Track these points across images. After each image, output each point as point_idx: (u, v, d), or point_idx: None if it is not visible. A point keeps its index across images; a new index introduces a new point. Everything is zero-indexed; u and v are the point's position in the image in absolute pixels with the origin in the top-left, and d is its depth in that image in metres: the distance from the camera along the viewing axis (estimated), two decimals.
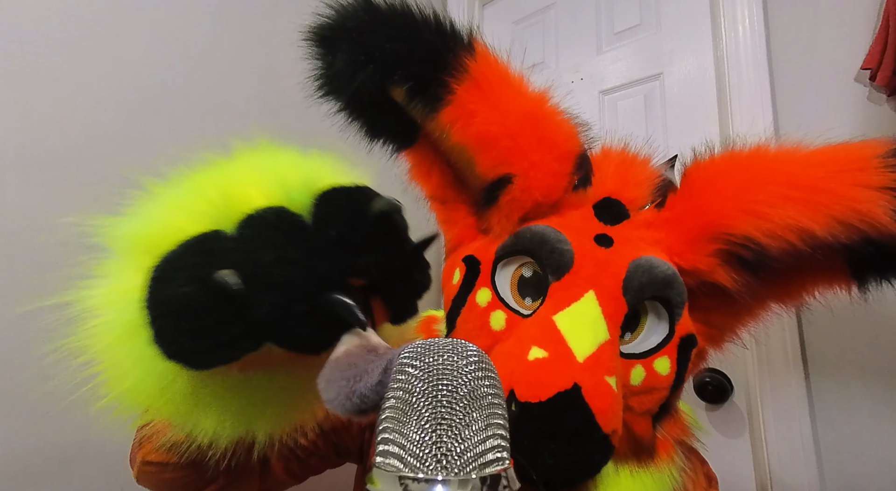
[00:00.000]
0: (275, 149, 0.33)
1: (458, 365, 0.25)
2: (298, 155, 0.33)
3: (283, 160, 0.32)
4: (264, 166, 0.32)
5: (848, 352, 0.84)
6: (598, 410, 0.35)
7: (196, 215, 0.29)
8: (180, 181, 0.32)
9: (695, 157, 0.48)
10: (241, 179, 0.30)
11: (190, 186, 0.31)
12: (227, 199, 0.29)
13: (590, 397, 0.35)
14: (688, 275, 0.44)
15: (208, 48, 0.89)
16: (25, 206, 0.65)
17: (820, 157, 0.41)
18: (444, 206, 0.53)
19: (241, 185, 0.29)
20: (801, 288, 0.47)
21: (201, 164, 0.32)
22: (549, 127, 0.44)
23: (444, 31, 0.43)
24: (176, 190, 0.31)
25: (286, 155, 0.33)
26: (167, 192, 0.32)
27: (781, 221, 0.39)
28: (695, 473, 0.49)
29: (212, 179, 0.31)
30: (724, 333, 0.50)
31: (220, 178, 0.31)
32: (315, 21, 0.44)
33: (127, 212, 0.32)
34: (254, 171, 0.31)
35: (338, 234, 0.28)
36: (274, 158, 0.33)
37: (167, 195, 0.31)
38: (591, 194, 0.48)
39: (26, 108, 0.66)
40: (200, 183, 0.31)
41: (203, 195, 0.29)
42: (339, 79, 0.44)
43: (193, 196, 0.30)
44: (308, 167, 0.32)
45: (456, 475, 0.23)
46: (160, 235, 0.28)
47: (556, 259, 0.42)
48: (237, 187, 0.29)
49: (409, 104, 0.45)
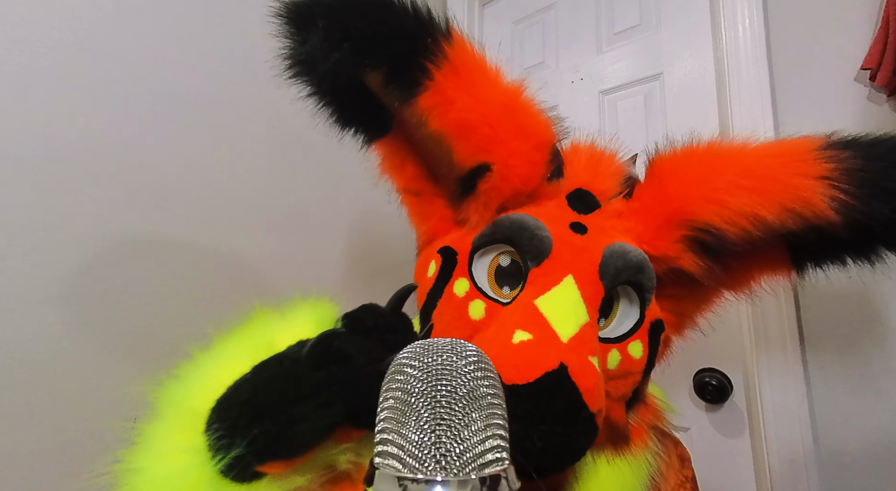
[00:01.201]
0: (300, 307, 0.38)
1: (457, 365, 0.25)
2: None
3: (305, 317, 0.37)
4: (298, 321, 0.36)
5: (849, 352, 0.84)
6: (584, 389, 0.35)
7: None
8: (225, 348, 0.35)
9: (658, 152, 0.50)
10: (279, 335, 0.34)
11: (236, 350, 0.34)
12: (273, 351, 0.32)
13: (576, 377, 0.35)
14: (656, 261, 0.46)
15: (207, 48, 0.89)
16: (25, 205, 0.65)
17: (768, 150, 0.44)
18: (418, 198, 0.52)
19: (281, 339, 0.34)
20: (749, 275, 0.50)
21: (242, 326, 0.36)
22: (526, 116, 0.45)
23: (422, 16, 0.43)
24: (223, 356, 0.34)
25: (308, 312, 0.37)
26: (214, 359, 0.34)
27: (738, 208, 0.41)
28: (668, 456, 0.50)
29: (254, 342, 0.34)
30: (686, 321, 0.52)
31: (263, 336, 0.35)
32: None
33: (177, 376, 0.34)
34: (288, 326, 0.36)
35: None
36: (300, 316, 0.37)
37: (215, 362, 0.34)
38: (564, 185, 0.49)
39: (26, 108, 0.66)
40: (245, 346, 0.34)
41: (251, 354, 0.32)
42: (311, 58, 0.43)
43: (243, 356, 0.33)
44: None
45: (455, 476, 0.23)
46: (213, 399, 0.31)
47: (536, 245, 0.43)
48: (278, 342, 0.33)
49: (384, 89, 0.44)
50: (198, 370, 0.33)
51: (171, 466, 0.30)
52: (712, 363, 0.97)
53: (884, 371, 0.81)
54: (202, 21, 0.89)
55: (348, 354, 0.31)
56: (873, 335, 0.82)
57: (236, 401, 0.29)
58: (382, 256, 1.14)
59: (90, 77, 0.73)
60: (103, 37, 0.75)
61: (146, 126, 0.79)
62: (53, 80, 0.69)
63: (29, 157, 0.66)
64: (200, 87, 0.87)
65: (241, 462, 0.28)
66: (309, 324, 0.35)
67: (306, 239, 1.00)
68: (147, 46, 0.81)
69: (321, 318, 0.36)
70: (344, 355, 0.31)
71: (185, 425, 0.31)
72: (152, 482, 0.30)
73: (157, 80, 0.81)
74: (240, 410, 0.29)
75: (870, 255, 0.45)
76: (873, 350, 0.82)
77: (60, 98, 0.70)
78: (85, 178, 0.71)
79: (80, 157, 0.71)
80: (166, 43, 0.83)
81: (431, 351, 0.26)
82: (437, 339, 0.27)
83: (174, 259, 0.79)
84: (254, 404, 0.28)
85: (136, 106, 0.78)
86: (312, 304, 0.37)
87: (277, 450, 0.28)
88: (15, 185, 0.65)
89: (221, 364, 0.33)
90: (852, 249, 0.45)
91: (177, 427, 0.31)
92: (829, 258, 0.47)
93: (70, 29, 0.72)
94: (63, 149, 0.69)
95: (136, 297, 0.74)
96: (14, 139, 0.65)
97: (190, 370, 0.34)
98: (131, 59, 0.78)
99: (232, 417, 0.28)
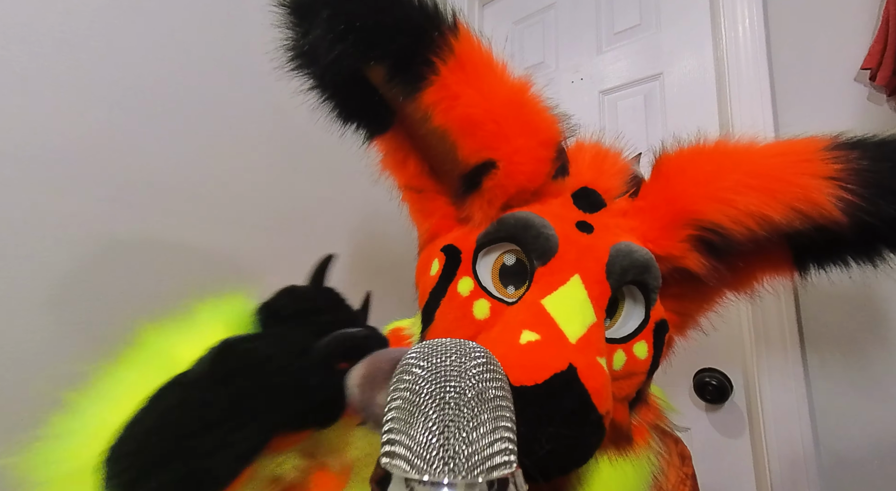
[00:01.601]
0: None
1: (465, 367, 0.25)
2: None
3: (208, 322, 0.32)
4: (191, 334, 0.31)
5: (849, 352, 0.84)
6: (593, 391, 0.35)
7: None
8: (110, 379, 0.29)
9: (664, 150, 0.49)
10: (181, 348, 0.29)
11: (126, 379, 0.29)
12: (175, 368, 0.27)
13: (585, 378, 0.35)
14: (662, 261, 0.45)
15: (206, 47, 0.89)
16: (23, 205, 0.64)
17: (775, 149, 0.44)
18: (419, 195, 0.51)
19: (181, 354, 0.28)
20: (751, 275, 0.50)
21: (129, 350, 0.30)
22: (532, 113, 0.44)
23: (428, 9, 0.42)
24: (108, 391, 0.29)
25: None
26: (97, 396, 0.29)
27: (745, 208, 0.41)
28: (669, 454, 0.50)
29: (150, 361, 0.29)
30: (689, 321, 0.52)
31: (159, 355, 0.29)
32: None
33: (50, 435, 0.28)
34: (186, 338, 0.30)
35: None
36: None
37: (99, 400, 0.29)
38: (569, 184, 0.48)
39: (25, 108, 0.66)
40: (137, 370, 0.29)
41: (146, 378, 0.27)
42: (314, 50, 0.42)
43: (135, 385, 0.27)
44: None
45: (463, 478, 0.23)
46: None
47: (542, 244, 0.42)
48: (177, 359, 0.28)
49: (388, 83, 0.43)
50: (78, 419, 0.27)
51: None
52: (712, 363, 0.97)
53: (884, 371, 0.81)
54: (202, 20, 0.89)
55: (265, 355, 0.27)
56: (873, 335, 0.82)
57: (131, 447, 0.24)
58: (383, 256, 1.13)
59: (89, 77, 0.73)
60: (103, 36, 0.75)
61: (145, 126, 0.78)
62: (52, 80, 0.69)
63: (27, 157, 0.65)
64: (200, 86, 0.87)
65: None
66: (216, 327, 0.30)
67: (306, 239, 0.99)
68: (146, 46, 0.80)
69: (230, 317, 0.31)
70: (256, 360, 0.27)
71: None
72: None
73: (156, 79, 0.81)
74: (136, 457, 0.24)
75: (873, 255, 0.45)
76: (873, 350, 0.82)
77: (59, 98, 0.69)
78: (84, 177, 0.70)
79: (80, 157, 0.70)
80: (166, 42, 0.83)
81: (439, 352, 0.26)
82: (444, 339, 0.27)
83: (173, 259, 0.78)
84: (153, 446, 0.24)
85: (135, 106, 0.78)
86: (214, 303, 0.33)
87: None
88: (14, 185, 0.64)
89: (108, 404, 0.27)
90: (856, 249, 0.45)
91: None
92: (832, 258, 0.47)
93: (70, 29, 0.71)
94: (62, 148, 0.69)
95: (136, 297, 0.73)
96: (13, 139, 0.64)
97: (67, 422, 0.27)
98: (130, 59, 0.78)
99: (128, 469, 0.23)
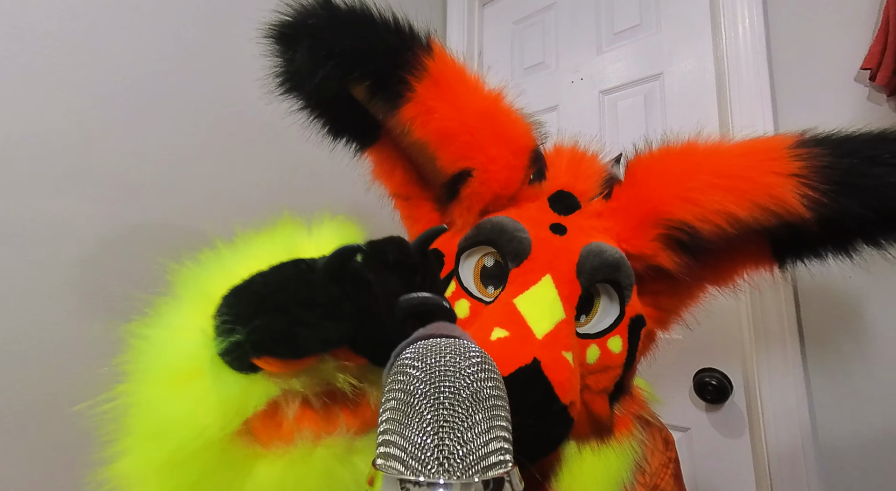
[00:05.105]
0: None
1: (460, 366, 0.25)
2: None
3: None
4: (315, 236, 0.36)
5: (849, 352, 0.84)
6: (556, 383, 0.37)
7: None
8: (248, 245, 0.35)
9: (636, 153, 0.51)
10: (302, 245, 0.35)
11: (258, 248, 0.34)
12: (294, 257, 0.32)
13: (548, 371, 0.37)
14: (635, 259, 0.47)
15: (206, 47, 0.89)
16: (23, 204, 0.65)
17: (742, 149, 0.45)
18: (407, 202, 0.55)
19: (305, 249, 0.34)
20: (731, 270, 0.51)
21: (268, 230, 0.36)
22: (505, 123, 0.47)
23: (402, 31, 0.45)
24: (245, 251, 0.35)
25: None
26: (236, 252, 0.35)
27: (711, 207, 0.43)
28: (653, 441, 0.51)
29: (277, 244, 0.35)
30: (670, 316, 0.53)
31: (285, 244, 0.35)
32: (275, 18, 0.45)
33: (198, 261, 0.35)
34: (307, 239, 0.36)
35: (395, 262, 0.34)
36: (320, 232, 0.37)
37: (236, 255, 0.35)
38: (545, 187, 0.50)
39: (24, 108, 0.66)
40: (267, 246, 0.34)
41: (271, 255, 0.32)
42: (299, 75, 0.46)
43: (263, 255, 0.32)
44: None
45: (458, 478, 0.23)
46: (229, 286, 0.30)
47: (515, 247, 0.44)
48: (301, 251, 0.33)
49: (370, 101, 0.46)
50: (218, 260, 0.34)
51: (176, 338, 0.31)
52: (712, 363, 0.97)
53: (884, 371, 0.81)
54: (199, 21, 0.89)
55: (366, 278, 0.31)
56: (873, 335, 0.82)
57: (247, 292, 0.29)
58: None
59: (88, 76, 0.73)
60: (102, 36, 0.75)
61: (144, 126, 0.79)
62: (51, 80, 0.69)
63: (26, 157, 0.66)
64: (199, 86, 0.87)
65: (238, 349, 0.28)
66: (333, 241, 0.34)
67: None
68: (146, 46, 0.81)
69: (346, 239, 0.35)
70: (361, 278, 0.30)
71: (196, 307, 0.31)
72: (156, 348, 0.32)
73: (155, 79, 0.82)
74: (248, 300, 0.29)
75: (847, 248, 0.46)
76: (873, 350, 0.82)
77: (58, 97, 0.70)
78: (83, 176, 0.71)
79: (79, 157, 0.71)
80: (166, 42, 0.83)
81: (434, 352, 0.26)
82: (439, 339, 0.27)
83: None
84: (263, 297, 0.28)
85: (134, 105, 0.78)
86: (339, 223, 0.38)
87: (274, 346, 0.28)
88: (13, 185, 0.64)
89: (241, 258, 0.33)
90: (829, 243, 0.46)
91: (189, 307, 0.32)
92: (809, 252, 0.48)
93: (70, 29, 0.71)
94: (61, 148, 0.69)
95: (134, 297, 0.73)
96: (12, 138, 0.65)
97: (211, 258, 0.34)
98: (129, 59, 0.79)
99: (239, 306, 0.29)
